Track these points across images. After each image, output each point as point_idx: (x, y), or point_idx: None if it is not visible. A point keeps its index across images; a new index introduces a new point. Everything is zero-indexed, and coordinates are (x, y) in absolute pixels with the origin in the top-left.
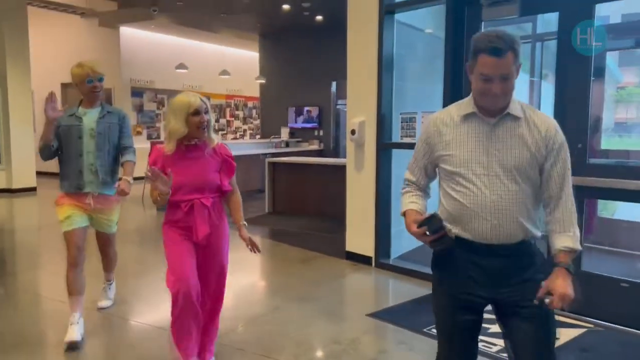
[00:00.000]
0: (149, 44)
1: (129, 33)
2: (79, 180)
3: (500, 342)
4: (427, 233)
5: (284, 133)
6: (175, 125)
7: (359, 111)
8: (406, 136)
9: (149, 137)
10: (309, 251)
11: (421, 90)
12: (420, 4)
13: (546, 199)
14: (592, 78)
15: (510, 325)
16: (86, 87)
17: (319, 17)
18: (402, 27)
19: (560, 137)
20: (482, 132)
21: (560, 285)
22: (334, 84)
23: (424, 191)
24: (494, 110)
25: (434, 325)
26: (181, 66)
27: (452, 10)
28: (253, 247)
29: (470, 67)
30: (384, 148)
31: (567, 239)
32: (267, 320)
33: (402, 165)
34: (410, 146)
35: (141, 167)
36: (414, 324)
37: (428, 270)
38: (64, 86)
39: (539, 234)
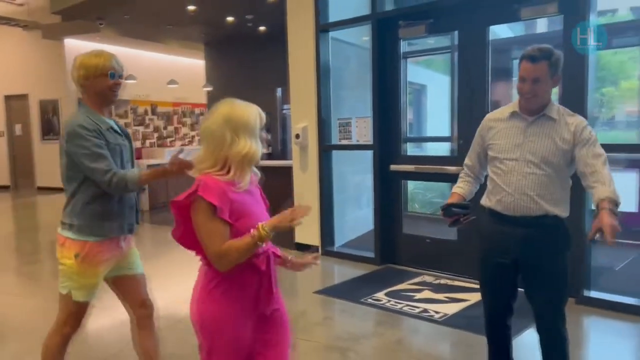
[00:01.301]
0: None
1: (74, 45)
2: (131, 219)
3: (444, 309)
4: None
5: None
6: (253, 147)
7: (301, 117)
8: (344, 138)
9: None
10: None
11: (355, 97)
12: (350, 25)
13: (581, 172)
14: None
15: (530, 286)
16: (107, 83)
17: (262, 28)
18: (337, 42)
19: (588, 131)
20: (520, 127)
21: (607, 220)
22: (279, 90)
23: (476, 177)
24: (532, 110)
25: (370, 296)
26: (130, 77)
27: (376, 29)
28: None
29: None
30: (325, 150)
31: (606, 190)
32: None
33: (342, 164)
34: (347, 147)
35: None
36: (354, 296)
37: (367, 254)
38: (7, 98)
39: (560, 212)
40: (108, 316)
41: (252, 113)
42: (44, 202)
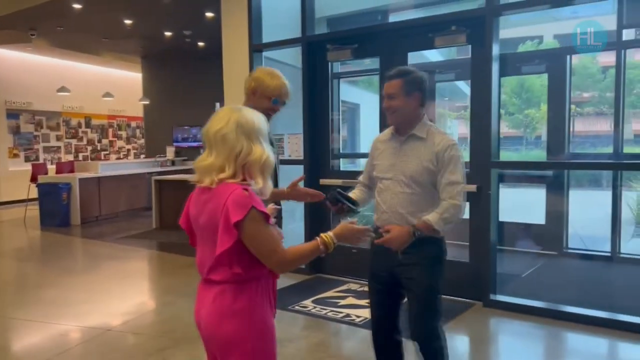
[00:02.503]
0: (26, 65)
1: (5, 55)
2: None
3: (364, 314)
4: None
5: (170, 152)
6: (267, 152)
7: None
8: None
9: (27, 159)
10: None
11: (288, 115)
12: (282, 46)
13: (439, 198)
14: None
15: (407, 298)
16: (267, 105)
17: (201, 43)
18: (271, 62)
19: (450, 153)
20: (395, 147)
21: (397, 231)
22: (217, 105)
23: (369, 188)
24: (400, 129)
25: (298, 303)
26: (62, 89)
27: (306, 52)
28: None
29: None
30: None
31: (432, 215)
32: (160, 311)
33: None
34: (280, 162)
35: (17, 189)
36: (283, 304)
37: None
38: None
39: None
40: (37, 330)
41: (261, 118)
42: None
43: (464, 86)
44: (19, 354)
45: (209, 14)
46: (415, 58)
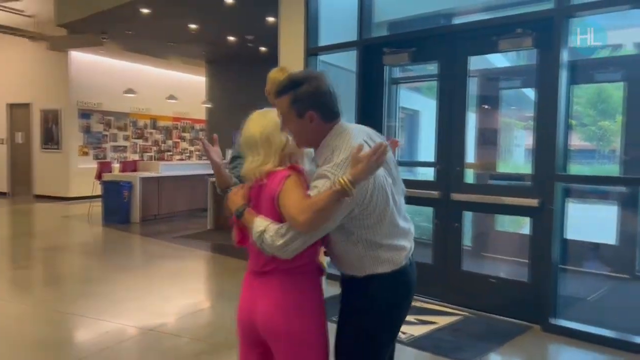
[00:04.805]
0: (98, 67)
1: (79, 57)
2: None
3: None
4: None
5: (229, 155)
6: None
7: None
8: None
9: (95, 157)
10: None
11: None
12: (337, 50)
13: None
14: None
15: None
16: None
17: (263, 48)
18: (326, 65)
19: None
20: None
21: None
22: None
23: None
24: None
25: None
26: (129, 91)
27: (362, 55)
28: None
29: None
30: None
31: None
32: (203, 314)
33: None
34: None
35: (85, 185)
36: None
37: None
38: (10, 107)
39: (357, 272)
40: (82, 325)
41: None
42: (39, 210)
43: (533, 94)
44: (59, 348)
45: (270, 19)
46: (478, 63)
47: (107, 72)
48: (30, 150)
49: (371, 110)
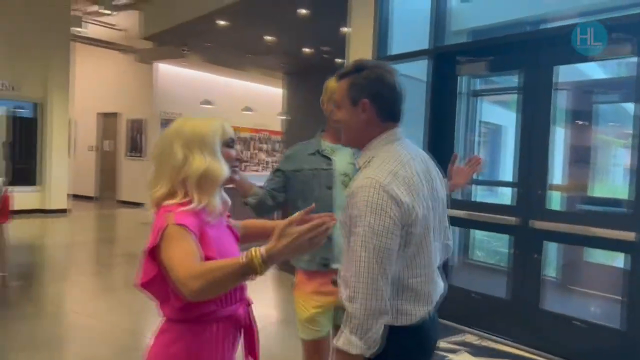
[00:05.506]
0: (179, 78)
1: (162, 68)
2: (324, 253)
3: None
4: None
5: None
6: (213, 164)
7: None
8: None
9: None
10: None
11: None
12: (408, 58)
13: None
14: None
15: None
16: (327, 108)
17: (338, 60)
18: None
19: (356, 201)
20: None
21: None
22: None
23: None
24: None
25: None
26: (206, 102)
27: (434, 65)
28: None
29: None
30: None
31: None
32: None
33: None
34: None
35: None
36: None
37: None
38: (100, 116)
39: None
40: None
41: (209, 126)
42: (123, 215)
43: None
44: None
45: (345, 30)
46: (567, 74)
47: (188, 83)
48: (116, 158)
49: (442, 124)
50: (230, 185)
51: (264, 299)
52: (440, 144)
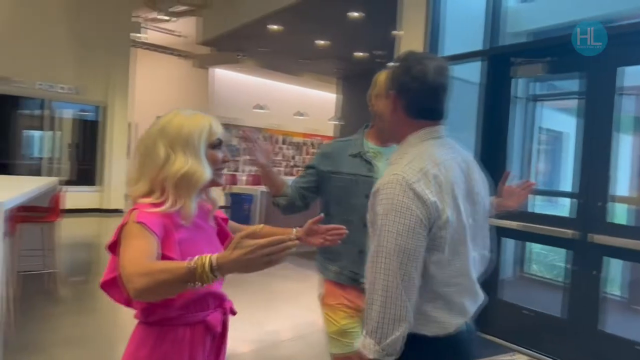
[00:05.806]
0: (234, 83)
1: (219, 74)
2: (355, 266)
3: None
4: None
5: None
6: (194, 166)
7: None
8: None
9: (228, 169)
10: None
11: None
12: (460, 60)
13: None
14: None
15: None
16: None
17: (392, 64)
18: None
19: (380, 199)
20: None
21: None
22: None
23: None
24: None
25: None
26: (258, 107)
27: (489, 67)
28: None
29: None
30: None
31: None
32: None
33: None
34: None
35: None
36: None
37: None
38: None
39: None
40: None
41: (195, 124)
42: None
43: None
44: None
45: (396, 32)
46: (635, 76)
47: (242, 88)
48: None
49: (495, 128)
50: (263, 188)
51: (314, 306)
52: (493, 150)
